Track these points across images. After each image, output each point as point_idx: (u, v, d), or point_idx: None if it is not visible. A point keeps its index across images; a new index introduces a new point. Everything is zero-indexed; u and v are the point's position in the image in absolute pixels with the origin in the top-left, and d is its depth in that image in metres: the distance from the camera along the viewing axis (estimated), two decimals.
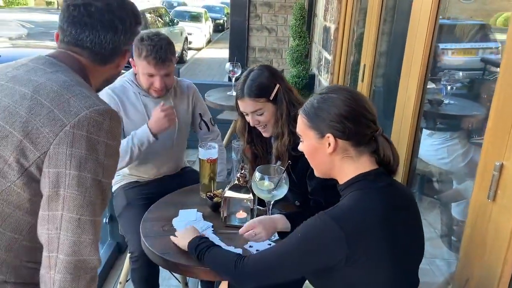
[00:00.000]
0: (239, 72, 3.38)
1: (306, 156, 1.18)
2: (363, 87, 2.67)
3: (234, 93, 3.26)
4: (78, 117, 0.90)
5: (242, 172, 1.56)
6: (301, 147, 1.18)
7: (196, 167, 1.99)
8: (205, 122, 2.14)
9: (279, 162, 1.63)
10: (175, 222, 1.58)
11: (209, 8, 19.99)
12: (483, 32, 2.82)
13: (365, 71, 2.65)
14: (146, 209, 1.79)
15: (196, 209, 1.66)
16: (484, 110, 2.25)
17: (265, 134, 1.68)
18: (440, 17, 1.76)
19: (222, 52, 13.90)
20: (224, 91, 3.48)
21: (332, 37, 3.45)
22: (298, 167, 1.55)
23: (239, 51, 4.69)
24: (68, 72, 1.00)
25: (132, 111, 1.97)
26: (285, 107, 1.58)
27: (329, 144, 1.08)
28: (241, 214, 1.59)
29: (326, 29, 3.73)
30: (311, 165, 1.19)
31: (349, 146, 1.08)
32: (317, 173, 1.19)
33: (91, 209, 0.91)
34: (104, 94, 1.91)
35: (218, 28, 19.28)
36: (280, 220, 1.40)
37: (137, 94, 1.97)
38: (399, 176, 1.98)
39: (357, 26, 3.28)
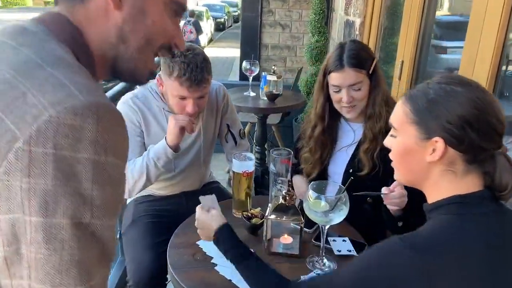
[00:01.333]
0: (257, 71, 3.13)
1: (391, 155, 0.94)
2: (400, 85, 2.41)
3: (252, 94, 3.13)
4: (37, 123, 0.52)
5: (289, 189, 1.30)
6: (388, 142, 0.94)
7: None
8: (232, 134, 1.84)
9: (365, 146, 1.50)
10: (204, 246, 1.33)
11: (210, 7, 19.72)
12: None
13: (403, 68, 2.39)
14: (152, 228, 1.64)
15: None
16: None
17: (349, 115, 1.51)
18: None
19: (224, 51, 13.69)
20: (240, 91, 3.22)
21: (357, 32, 3.19)
22: (382, 155, 1.42)
23: (251, 48, 4.43)
24: (43, 44, 0.61)
25: (154, 127, 1.68)
26: (383, 85, 1.46)
27: (433, 150, 0.83)
28: (287, 239, 1.33)
29: (348, 24, 3.47)
30: (394, 167, 0.95)
31: (460, 159, 0.82)
32: (399, 179, 0.96)
33: (77, 273, 0.55)
34: (123, 103, 1.66)
35: (219, 27, 19.06)
36: None
37: (161, 109, 1.69)
38: None
39: (385, 20, 3.02)
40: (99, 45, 0.67)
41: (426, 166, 0.86)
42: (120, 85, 2.57)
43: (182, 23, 11.86)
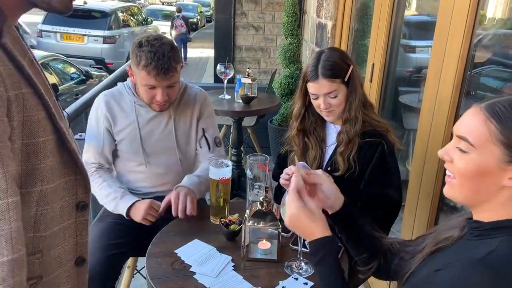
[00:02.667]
0: (232, 73, 3.13)
1: (457, 171, 0.84)
2: (371, 88, 2.47)
3: (227, 97, 3.13)
4: None
5: (267, 195, 1.31)
6: (457, 157, 0.83)
7: None
8: (206, 139, 1.81)
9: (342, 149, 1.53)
10: (183, 255, 1.32)
11: (182, 7, 19.52)
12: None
13: (374, 71, 2.44)
14: (111, 229, 1.66)
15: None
16: None
17: (329, 118, 1.59)
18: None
19: (197, 51, 13.58)
20: (215, 95, 3.21)
21: (329, 35, 3.24)
22: (361, 155, 1.50)
23: (225, 51, 4.43)
24: None
25: (122, 119, 1.72)
26: (359, 90, 1.52)
27: None
28: (264, 245, 1.34)
29: (320, 26, 3.52)
30: (456, 184, 0.85)
31: None
32: (458, 197, 0.86)
33: None
34: (96, 101, 1.75)
35: (192, 27, 18.85)
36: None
37: (132, 103, 1.72)
38: (432, 182, 1.78)
39: (355, 23, 3.08)
40: None
41: (497, 189, 0.80)
42: (93, 91, 2.55)
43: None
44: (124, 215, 1.59)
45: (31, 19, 7.51)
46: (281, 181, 1.50)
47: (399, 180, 1.55)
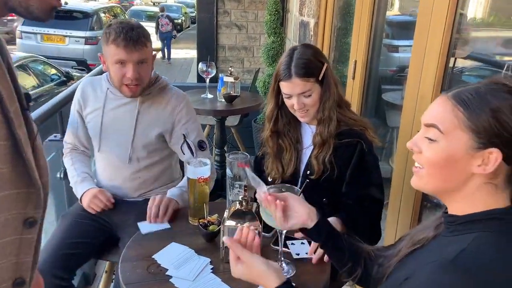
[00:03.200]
0: (214, 72, 3.08)
1: (426, 161, 0.83)
2: (354, 85, 2.45)
3: (209, 96, 3.07)
4: None
5: (246, 195, 1.27)
6: (425, 147, 0.82)
7: None
8: (188, 145, 1.71)
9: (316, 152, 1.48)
10: (159, 258, 1.27)
11: (166, 8, 19.37)
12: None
13: (356, 68, 2.43)
14: (70, 228, 1.65)
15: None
16: None
17: (304, 119, 1.52)
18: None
19: (182, 52, 13.49)
20: (197, 94, 3.16)
21: (311, 33, 3.22)
22: (338, 156, 1.45)
23: (208, 50, 4.38)
24: None
25: (92, 103, 1.75)
26: (334, 89, 1.46)
27: (482, 162, 0.76)
28: None
29: (303, 24, 3.50)
30: (425, 174, 0.84)
31: (505, 173, 0.77)
32: (427, 187, 0.85)
33: None
34: (81, 82, 1.82)
35: (176, 28, 18.72)
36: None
37: (106, 89, 1.74)
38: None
39: (338, 21, 3.07)
40: None
41: (467, 177, 0.79)
42: (69, 90, 2.47)
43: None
44: (79, 200, 1.68)
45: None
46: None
47: (380, 178, 1.51)
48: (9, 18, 10.67)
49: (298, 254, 1.32)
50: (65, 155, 1.82)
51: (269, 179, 1.62)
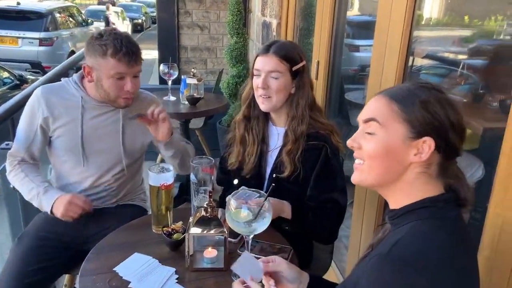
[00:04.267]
0: (176, 74, 3.01)
1: (366, 155, 0.87)
2: (317, 86, 2.46)
3: (172, 98, 3.01)
4: None
5: (211, 201, 1.23)
6: (363, 140, 0.88)
7: None
8: None
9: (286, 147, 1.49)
10: (121, 271, 1.21)
11: (126, 7, 18.93)
12: None
13: (319, 68, 2.44)
14: (32, 252, 1.53)
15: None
16: None
17: (263, 106, 1.50)
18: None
19: (143, 53, 13.15)
20: (160, 96, 3.06)
21: (274, 33, 3.22)
22: (305, 157, 1.45)
23: (169, 51, 4.28)
24: None
25: (63, 115, 1.61)
26: (308, 89, 1.48)
27: (418, 151, 0.82)
28: (210, 252, 1.27)
29: (266, 25, 3.49)
30: (366, 167, 0.88)
31: (437, 162, 0.83)
32: (367, 180, 0.89)
33: None
34: (35, 93, 1.63)
35: (137, 28, 18.34)
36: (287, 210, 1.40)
37: (79, 98, 1.62)
38: None
39: (300, 21, 3.08)
40: None
41: (404, 167, 0.84)
42: (21, 94, 2.34)
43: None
44: (49, 212, 1.52)
45: None
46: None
47: (343, 181, 1.51)
48: None
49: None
50: (12, 168, 1.63)
51: (229, 168, 1.62)
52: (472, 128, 1.81)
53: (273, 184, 1.17)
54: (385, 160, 0.85)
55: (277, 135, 1.56)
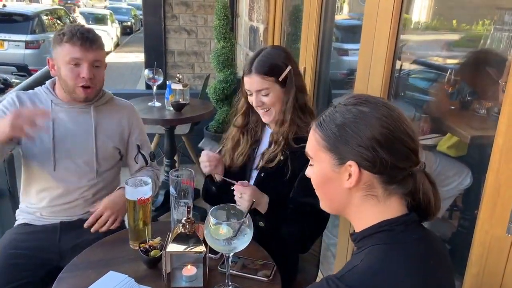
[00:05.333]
0: (161, 79, 2.95)
1: (313, 185, 0.89)
2: None
3: (157, 104, 2.95)
4: None
5: (189, 216, 1.18)
6: (308, 173, 0.90)
7: None
8: (143, 155, 1.73)
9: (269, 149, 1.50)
10: None
11: (115, 10, 18.77)
12: None
13: (305, 75, 2.40)
14: (5, 273, 1.43)
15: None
16: (413, 109, 2.16)
17: (265, 118, 1.51)
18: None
19: (132, 56, 13.09)
20: (144, 102, 3.02)
21: (261, 38, 3.18)
22: (293, 160, 1.43)
23: (156, 55, 4.22)
24: None
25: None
26: (293, 93, 1.45)
27: (350, 176, 0.79)
28: (189, 270, 1.21)
29: (253, 30, 3.45)
30: (318, 197, 0.90)
31: (377, 182, 0.79)
32: (324, 206, 0.90)
33: None
34: (8, 98, 1.61)
35: (126, 31, 18.21)
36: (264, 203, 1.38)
37: (49, 102, 1.60)
38: None
39: (287, 26, 3.05)
40: None
41: (346, 193, 0.82)
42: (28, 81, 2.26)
43: None
44: None
45: None
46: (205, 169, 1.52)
47: None
48: None
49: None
50: None
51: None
52: (459, 136, 1.79)
53: (254, 201, 1.13)
54: (325, 189, 0.86)
55: (269, 136, 1.56)
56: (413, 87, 2.26)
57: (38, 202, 1.63)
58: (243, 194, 1.35)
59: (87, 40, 1.51)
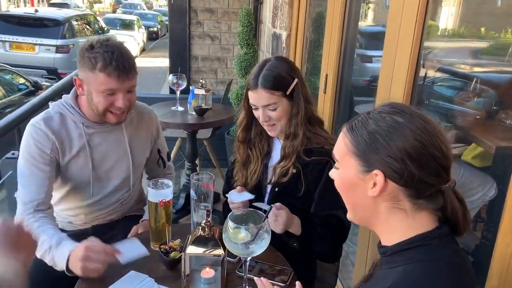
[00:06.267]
0: (185, 84, 3.01)
1: (337, 188, 0.88)
2: (325, 99, 2.43)
3: (180, 108, 3.00)
4: None
5: (209, 220, 1.20)
6: (332, 175, 0.89)
7: None
8: (162, 159, 1.74)
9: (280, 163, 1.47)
10: None
11: (142, 16, 19.21)
12: None
13: (328, 82, 2.40)
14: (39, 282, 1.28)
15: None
16: (437, 118, 2.13)
17: (271, 133, 1.49)
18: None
19: (157, 61, 13.34)
20: (168, 106, 3.08)
21: (284, 45, 3.20)
22: (306, 173, 1.43)
23: (181, 60, 4.31)
24: None
25: (70, 147, 1.49)
26: (303, 105, 1.43)
27: (374, 184, 0.78)
28: (208, 273, 1.23)
29: (276, 36, 3.48)
30: (345, 203, 0.89)
31: (403, 195, 0.77)
32: (350, 217, 0.89)
33: None
34: (33, 125, 1.46)
35: (152, 36, 18.58)
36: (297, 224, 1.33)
37: (78, 124, 1.50)
38: None
39: (310, 33, 3.06)
40: None
41: (370, 202, 0.80)
42: (30, 103, 2.36)
43: None
44: (65, 271, 1.25)
45: None
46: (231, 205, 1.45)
47: None
48: None
49: None
50: (27, 217, 1.39)
51: (233, 184, 1.59)
52: (484, 146, 1.76)
53: (271, 206, 1.15)
54: (349, 196, 0.85)
55: (280, 148, 1.54)
56: (438, 95, 2.24)
57: (69, 216, 1.64)
58: (278, 217, 1.31)
59: (124, 70, 1.38)
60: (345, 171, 0.83)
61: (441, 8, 1.87)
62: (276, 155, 1.55)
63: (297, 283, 1.00)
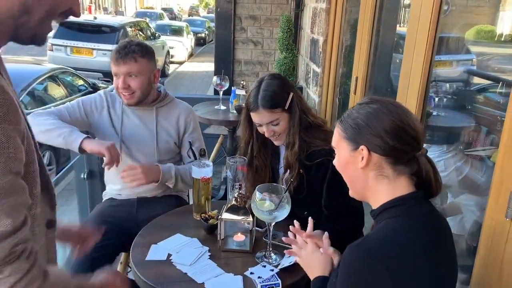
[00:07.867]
0: (227, 85, 3.30)
1: (338, 170, 1.09)
2: (355, 100, 2.61)
3: (222, 107, 3.29)
4: None
5: (240, 192, 1.46)
6: (335, 161, 1.09)
7: None
8: (193, 151, 1.96)
9: (287, 174, 1.58)
10: (163, 247, 1.46)
11: (191, 22, 19.97)
12: (458, 45, 2.82)
13: (357, 84, 2.60)
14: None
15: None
16: (473, 121, 2.25)
17: (277, 143, 1.66)
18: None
19: (204, 65, 13.86)
20: (211, 105, 3.38)
21: (320, 50, 3.41)
22: (311, 176, 1.54)
23: (225, 64, 4.63)
24: None
25: (104, 117, 1.91)
26: (298, 116, 1.57)
27: (362, 158, 0.99)
28: (239, 237, 1.48)
29: (313, 42, 3.69)
30: (346, 182, 1.09)
31: (385, 163, 0.98)
32: (351, 193, 1.09)
33: None
34: (97, 93, 1.96)
35: (200, 42, 19.27)
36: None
37: (121, 104, 1.94)
38: None
39: (346, 38, 3.25)
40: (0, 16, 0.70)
41: (361, 174, 1.00)
42: None
43: None
44: (77, 144, 1.69)
45: None
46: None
47: None
48: None
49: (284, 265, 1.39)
50: (47, 115, 1.81)
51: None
52: None
53: (291, 180, 1.37)
54: (346, 171, 1.05)
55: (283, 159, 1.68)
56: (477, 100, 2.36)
57: (114, 185, 2.00)
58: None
59: (120, 55, 1.74)
60: (341, 153, 1.04)
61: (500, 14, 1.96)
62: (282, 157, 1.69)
63: (309, 219, 1.28)
